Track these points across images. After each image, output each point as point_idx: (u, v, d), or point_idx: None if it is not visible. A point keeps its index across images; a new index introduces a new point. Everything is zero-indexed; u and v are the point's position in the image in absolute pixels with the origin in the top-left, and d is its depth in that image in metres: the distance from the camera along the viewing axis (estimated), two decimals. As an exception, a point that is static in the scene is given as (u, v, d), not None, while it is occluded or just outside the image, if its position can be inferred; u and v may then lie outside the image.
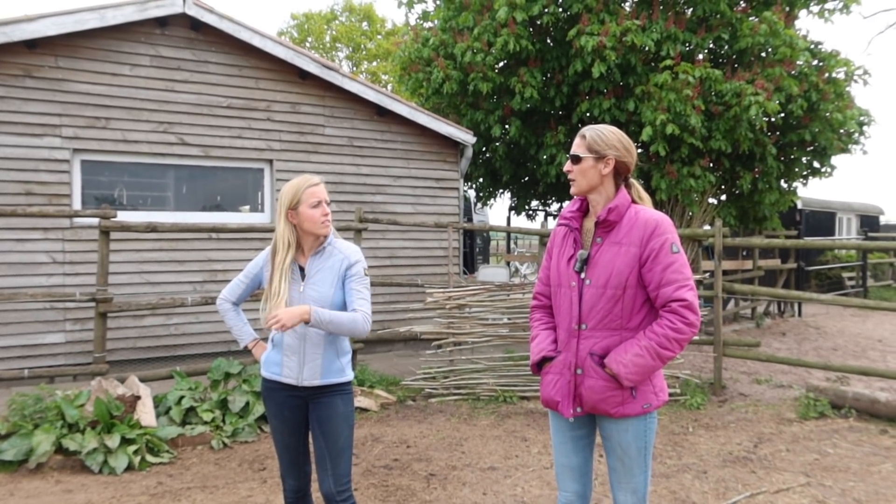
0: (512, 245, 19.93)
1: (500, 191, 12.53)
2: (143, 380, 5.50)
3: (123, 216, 6.85)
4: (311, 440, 2.86)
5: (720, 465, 4.68)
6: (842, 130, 10.19)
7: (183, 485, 4.31)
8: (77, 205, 7.13)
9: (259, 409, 5.36)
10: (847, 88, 10.04)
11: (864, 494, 4.13)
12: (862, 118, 10.64)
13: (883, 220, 21.45)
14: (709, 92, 8.90)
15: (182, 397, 5.32)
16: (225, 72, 7.83)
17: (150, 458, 4.68)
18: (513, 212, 12.90)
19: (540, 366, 2.53)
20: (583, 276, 2.40)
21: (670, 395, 6.29)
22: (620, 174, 2.44)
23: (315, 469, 2.79)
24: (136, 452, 4.61)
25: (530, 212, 13.06)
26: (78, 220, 7.03)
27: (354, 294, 2.73)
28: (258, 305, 2.76)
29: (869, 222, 19.24)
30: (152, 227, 5.97)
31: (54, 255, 6.95)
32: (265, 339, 2.95)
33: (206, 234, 7.53)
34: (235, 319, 2.94)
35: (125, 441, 4.64)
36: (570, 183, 2.47)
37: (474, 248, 14.89)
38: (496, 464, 4.70)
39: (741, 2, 9.78)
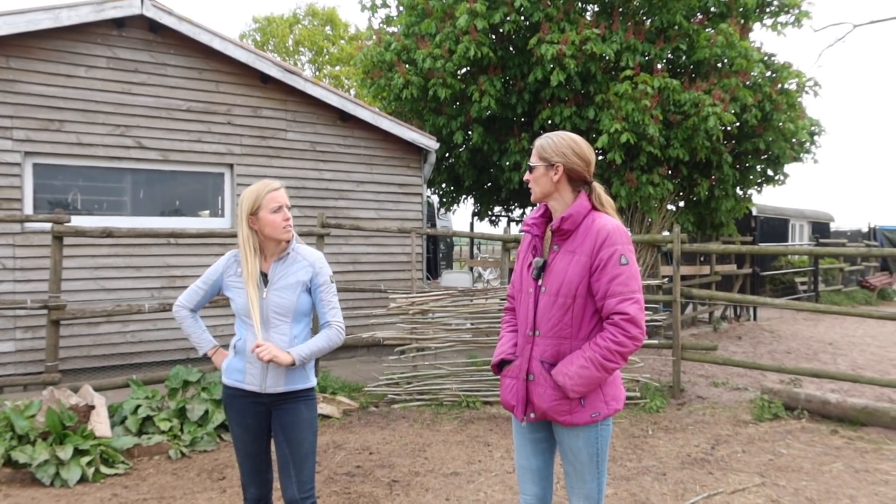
0: (475, 250, 19.99)
1: (464, 196, 12.58)
2: (97, 389, 5.36)
3: (78, 221, 6.67)
4: (272, 448, 2.82)
5: (679, 466, 4.76)
6: (794, 140, 10.51)
7: (139, 496, 4.20)
8: (29, 209, 6.92)
9: (218, 417, 5.26)
10: (799, 99, 10.37)
11: (816, 493, 4.25)
12: (813, 128, 11.01)
13: (833, 226, 22.13)
14: (667, 101, 9.09)
15: (138, 406, 5.20)
16: (184, 75, 7.71)
17: (104, 469, 4.55)
18: (476, 217, 12.97)
19: (501, 367, 2.55)
20: (540, 283, 2.41)
21: (630, 398, 6.38)
22: (575, 180, 2.42)
23: (278, 476, 2.76)
24: (89, 464, 4.49)
25: (493, 217, 13.14)
26: (29, 225, 6.82)
27: (326, 305, 2.76)
28: (216, 312, 2.74)
29: (820, 229, 19.83)
30: (108, 233, 5.83)
31: (4, 262, 6.73)
32: (225, 346, 2.90)
33: (164, 239, 7.38)
34: (194, 326, 2.88)
35: (78, 452, 4.51)
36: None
37: (437, 253, 14.89)
38: (459, 469, 4.70)
39: (698, 14, 10.03)
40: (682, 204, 11.22)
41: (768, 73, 10.26)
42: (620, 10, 9.92)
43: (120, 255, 7.29)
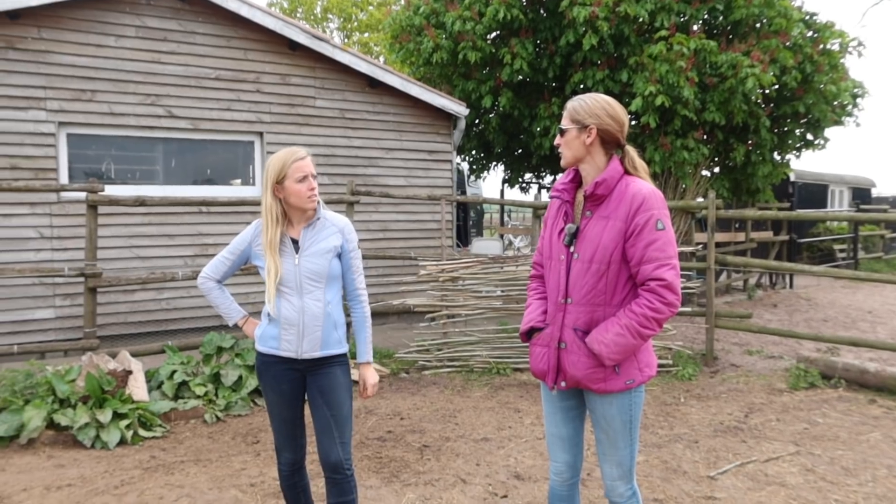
0: (505, 218, 19.90)
1: (494, 163, 12.47)
2: (134, 354, 5.48)
3: (111, 190, 6.76)
4: (306, 413, 2.84)
5: (711, 434, 4.72)
6: (835, 102, 10.16)
7: (176, 458, 4.31)
8: (64, 179, 7.04)
9: (252, 382, 5.35)
10: (841, 60, 10.00)
11: (852, 463, 4.17)
12: (856, 90, 10.62)
13: (874, 192, 21.49)
14: (703, 63, 8.82)
15: (174, 371, 5.31)
16: (213, 43, 7.69)
17: (142, 432, 4.68)
18: (506, 184, 12.85)
19: (529, 335, 2.51)
20: (571, 249, 2.36)
21: (662, 365, 6.32)
22: (608, 143, 2.35)
23: (317, 440, 2.76)
24: (128, 427, 4.61)
25: (524, 184, 13.01)
26: (65, 195, 6.94)
27: (355, 271, 2.82)
28: (245, 280, 2.74)
29: (861, 195, 19.26)
30: (141, 201, 5.90)
31: (41, 230, 6.87)
32: (254, 314, 2.90)
33: (196, 207, 7.46)
34: (221, 297, 2.86)
35: (117, 416, 4.63)
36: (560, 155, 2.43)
37: (468, 220, 14.83)
38: (489, 435, 4.72)
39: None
40: (717, 169, 10.96)
41: (809, 33, 9.88)
42: (655, -32, 9.59)
43: (153, 223, 7.39)
